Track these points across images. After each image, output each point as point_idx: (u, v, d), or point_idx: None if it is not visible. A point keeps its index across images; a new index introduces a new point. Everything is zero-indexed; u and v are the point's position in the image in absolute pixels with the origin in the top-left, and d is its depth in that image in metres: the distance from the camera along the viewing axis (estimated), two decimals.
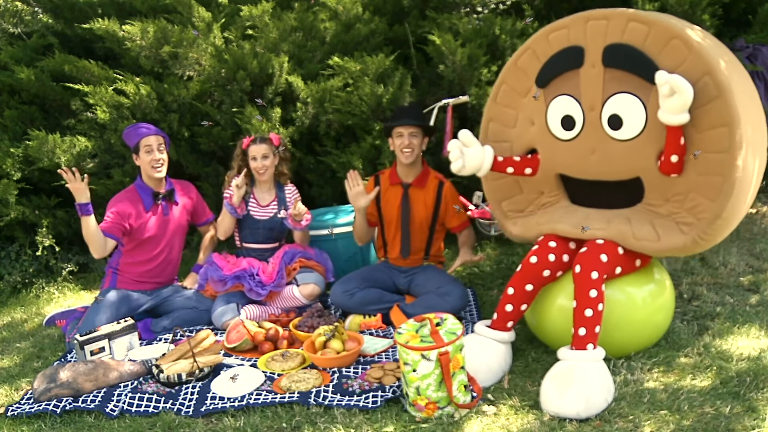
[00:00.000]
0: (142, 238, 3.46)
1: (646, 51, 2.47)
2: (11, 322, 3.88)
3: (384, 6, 4.39)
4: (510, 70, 2.87)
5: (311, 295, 3.46)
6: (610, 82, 2.57)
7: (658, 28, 2.44)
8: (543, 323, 2.76)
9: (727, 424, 2.18)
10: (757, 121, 2.53)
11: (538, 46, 2.76)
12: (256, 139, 3.53)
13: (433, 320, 2.47)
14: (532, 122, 2.84)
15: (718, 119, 2.37)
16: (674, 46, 2.42)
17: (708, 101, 2.38)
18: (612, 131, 2.60)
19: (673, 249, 2.52)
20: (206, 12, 4.24)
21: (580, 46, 2.62)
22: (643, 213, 2.62)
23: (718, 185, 2.40)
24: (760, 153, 2.57)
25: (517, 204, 3.00)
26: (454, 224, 3.38)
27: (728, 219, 2.45)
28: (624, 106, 2.55)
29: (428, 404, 2.36)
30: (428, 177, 3.35)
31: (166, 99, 4.22)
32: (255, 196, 3.59)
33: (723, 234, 2.50)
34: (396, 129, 3.23)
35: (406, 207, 3.34)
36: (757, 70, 4.00)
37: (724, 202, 2.40)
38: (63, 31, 4.94)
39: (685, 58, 2.40)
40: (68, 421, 2.61)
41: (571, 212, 2.79)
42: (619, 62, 2.53)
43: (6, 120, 4.48)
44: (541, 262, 2.67)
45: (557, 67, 2.70)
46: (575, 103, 2.67)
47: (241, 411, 2.56)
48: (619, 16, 2.53)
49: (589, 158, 2.68)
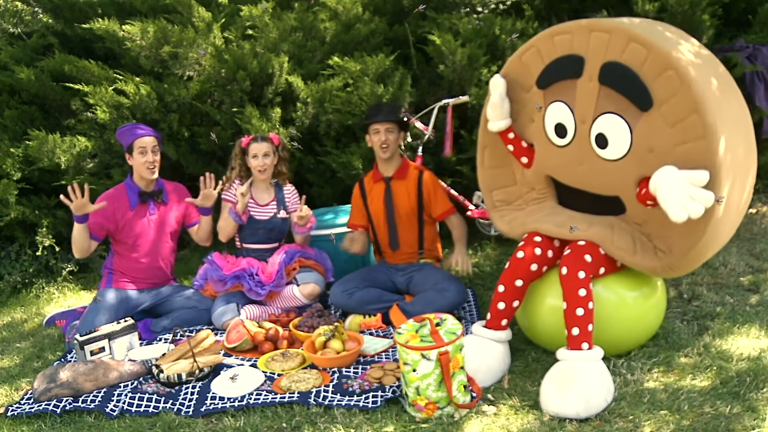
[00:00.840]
0: (128, 237, 3.46)
1: (642, 76, 2.45)
2: (11, 322, 3.88)
3: (384, 6, 4.39)
4: (514, 63, 2.88)
5: (311, 294, 3.46)
6: (604, 100, 2.57)
7: (656, 55, 2.40)
8: (535, 325, 2.77)
9: (727, 424, 2.18)
10: (744, 154, 2.49)
11: (542, 46, 2.77)
12: (257, 137, 3.53)
13: (432, 320, 2.47)
14: (531, 120, 2.87)
15: (700, 160, 2.33)
16: (668, 76, 2.38)
17: (693, 139, 2.35)
18: (598, 149, 2.62)
19: (644, 268, 2.55)
20: (206, 12, 4.24)
21: (581, 56, 2.62)
22: (627, 224, 2.64)
23: (692, 224, 2.38)
24: (743, 187, 2.54)
25: (508, 195, 3.03)
26: (438, 212, 3.40)
27: (700, 254, 2.45)
28: (612, 127, 2.55)
29: (428, 404, 2.36)
30: (408, 169, 3.43)
31: (166, 99, 4.22)
32: (253, 196, 3.59)
33: (694, 266, 2.52)
34: (372, 126, 3.33)
35: (389, 199, 3.41)
36: (757, 70, 4.00)
37: (695, 241, 2.40)
38: (63, 31, 4.94)
39: (676, 91, 2.37)
40: (68, 421, 2.61)
41: (557, 213, 2.82)
42: (615, 82, 2.52)
43: (6, 120, 4.48)
44: (527, 256, 2.70)
45: (558, 73, 2.71)
46: (569, 112, 2.68)
47: (241, 411, 2.56)
48: (621, 34, 2.49)
49: (577, 168, 2.71)
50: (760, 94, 4.03)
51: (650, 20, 2.72)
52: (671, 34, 2.57)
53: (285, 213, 3.60)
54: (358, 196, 3.53)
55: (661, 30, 2.56)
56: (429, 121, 3.83)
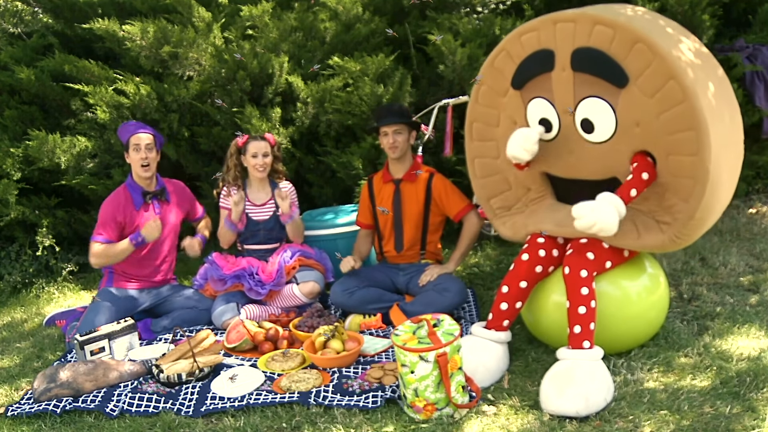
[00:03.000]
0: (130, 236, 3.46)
1: (612, 55, 2.48)
2: (11, 322, 3.88)
3: (384, 6, 4.39)
4: (487, 70, 2.90)
5: (311, 293, 3.45)
6: (581, 86, 2.59)
7: (623, 32, 2.45)
8: (539, 321, 2.78)
9: (727, 424, 2.18)
10: (730, 121, 2.54)
11: (511, 48, 2.79)
12: (255, 136, 3.53)
13: (430, 321, 2.47)
14: (514, 122, 2.88)
15: (685, 123, 2.39)
16: (639, 50, 2.43)
17: (674, 105, 2.39)
18: (585, 134, 2.63)
19: (653, 246, 2.56)
20: (206, 12, 4.24)
21: (551, 49, 2.64)
22: (626, 210, 2.64)
23: (690, 187, 2.43)
24: (734, 152, 2.60)
25: (506, 200, 3.03)
26: (455, 212, 3.36)
27: (702, 219, 2.48)
28: (594, 110, 2.58)
29: (426, 406, 2.36)
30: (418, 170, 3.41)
31: (166, 99, 4.22)
32: (249, 198, 3.59)
33: (699, 233, 2.55)
34: (381, 129, 3.31)
35: (398, 202, 3.39)
36: (757, 70, 4.00)
37: (696, 204, 2.43)
38: (63, 31, 4.94)
39: (650, 62, 2.41)
40: (68, 421, 2.61)
41: (556, 210, 2.83)
42: (587, 66, 2.55)
43: (6, 120, 4.48)
44: (532, 258, 2.71)
45: (530, 70, 2.73)
46: (550, 105, 2.70)
47: (241, 411, 2.56)
48: (585, 19, 2.54)
49: (568, 158, 2.73)
50: (760, 94, 4.03)
51: (612, 4, 2.73)
52: (654, 17, 2.61)
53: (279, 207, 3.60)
54: (366, 196, 3.52)
55: (623, 11, 2.59)
56: (429, 121, 3.83)
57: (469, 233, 3.34)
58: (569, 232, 2.69)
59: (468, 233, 3.34)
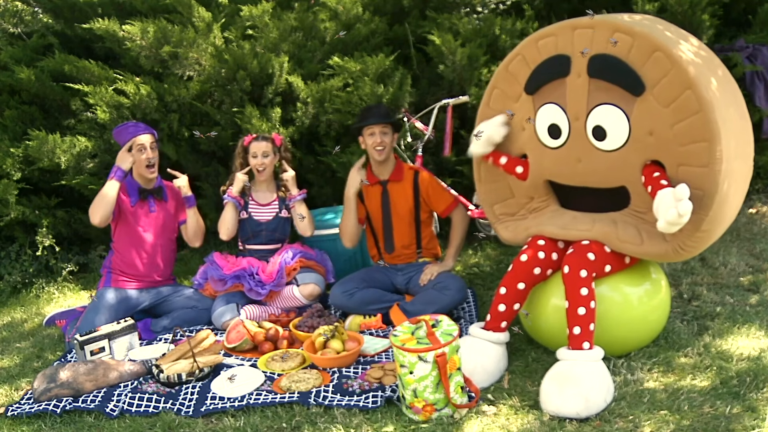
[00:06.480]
0: (128, 233, 3.46)
1: (630, 62, 2.48)
2: (11, 322, 3.88)
3: (384, 6, 4.39)
4: (501, 74, 2.88)
5: (311, 295, 3.45)
6: (595, 93, 2.58)
7: (642, 40, 2.44)
8: (538, 324, 2.77)
9: (726, 424, 2.18)
10: (741, 133, 2.53)
11: (527, 52, 2.78)
12: (258, 136, 3.54)
13: (428, 322, 2.47)
14: (522, 128, 2.86)
15: (698, 134, 2.37)
16: (657, 58, 2.42)
17: (689, 115, 2.38)
18: (596, 141, 2.62)
19: (655, 254, 2.54)
20: (206, 12, 4.24)
21: (567, 54, 2.64)
22: (630, 217, 2.64)
23: (699, 198, 2.40)
24: (744, 164, 2.58)
25: (509, 207, 3.01)
26: (441, 208, 3.39)
27: (709, 231, 2.46)
28: (608, 117, 2.56)
29: (425, 407, 2.36)
30: (403, 170, 3.41)
31: (166, 99, 4.22)
32: (253, 197, 3.59)
33: (704, 245, 2.53)
34: (367, 128, 3.30)
35: (386, 203, 3.39)
36: (757, 70, 4.00)
37: (703, 216, 2.41)
38: (63, 31, 4.94)
39: (667, 71, 2.40)
40: (68, 421, 2.61)
41: (559, 215, 2.82)
42: (604, 73, 2.54)
43: (6, 120, 4.48)
44: (531, 260, 2.70)
45: (545, 75, 2.72)
46: (561, 112, 2.69)
47: (241, 411, 2.56)
48: (604, 26, 2.53)
49: (576, 166, 2.70)
50: (760, 94, 4.03)
51: (631, 14, 2.74)
52: (653, 22, 2.59)
53: (287, 212, 3.60)
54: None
55: (641, 20, 2.59)
56: (429, 121, 3.83)
57: (459, 228, 3.39)
58: (573, 235, 2.68)
59: (459, 228, 3.39)
